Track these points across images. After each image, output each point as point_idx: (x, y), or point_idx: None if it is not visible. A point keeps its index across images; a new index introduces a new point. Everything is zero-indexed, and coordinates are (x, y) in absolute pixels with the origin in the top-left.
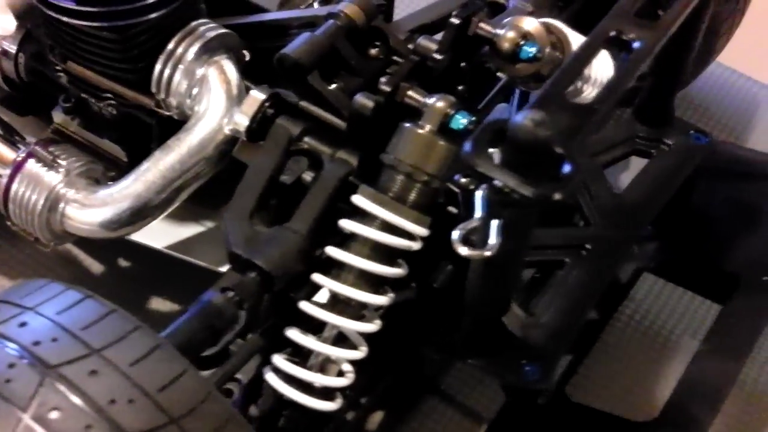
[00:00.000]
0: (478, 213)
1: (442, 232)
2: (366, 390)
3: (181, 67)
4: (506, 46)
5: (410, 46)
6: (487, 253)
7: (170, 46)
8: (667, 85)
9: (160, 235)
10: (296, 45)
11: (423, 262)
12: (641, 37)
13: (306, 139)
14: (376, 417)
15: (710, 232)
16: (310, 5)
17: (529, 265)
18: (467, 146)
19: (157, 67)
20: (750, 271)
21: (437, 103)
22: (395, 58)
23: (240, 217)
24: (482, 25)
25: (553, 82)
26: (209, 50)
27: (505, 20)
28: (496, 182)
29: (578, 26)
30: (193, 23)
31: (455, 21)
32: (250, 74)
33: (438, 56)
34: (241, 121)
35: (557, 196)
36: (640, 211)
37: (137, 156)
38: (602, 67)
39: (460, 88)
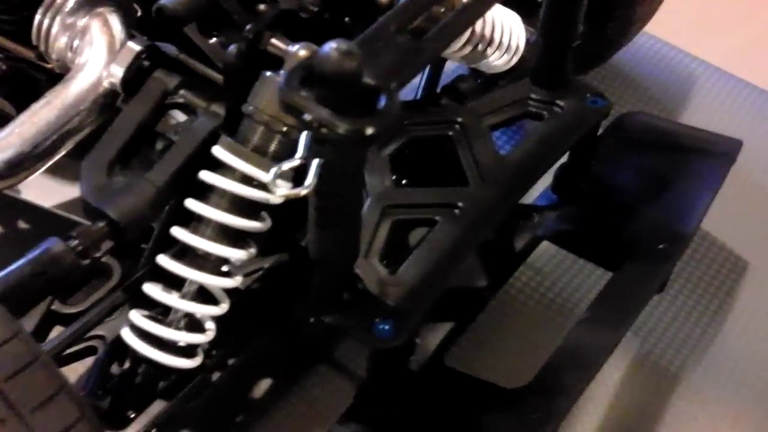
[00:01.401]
0: (299, 153)
1: None
2: (235, 350)
3: (60, 17)
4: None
5: None
6: (303, 192)
7: None
8: (558, 45)
9: (51, 193)
10: None
11: (290, 219)
12: None
13: (182, 92)
14: (251, 378)
15: (612, 201)
16: None
17: (402, 224)
18: (283, 78)
19: (37, 17)
20: (646, 239)
21: (299, 51)
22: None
23: (97, 166)
24: None
25: (386, 17)
26: (91, 1)
27: None
28: (307, 116)
29: None
30: None
31: None
32: (145, 29)
33: (313, 7)
34: (116, 72)
35: (369, 131)
36: (524, 173)
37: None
38: (512, 31)
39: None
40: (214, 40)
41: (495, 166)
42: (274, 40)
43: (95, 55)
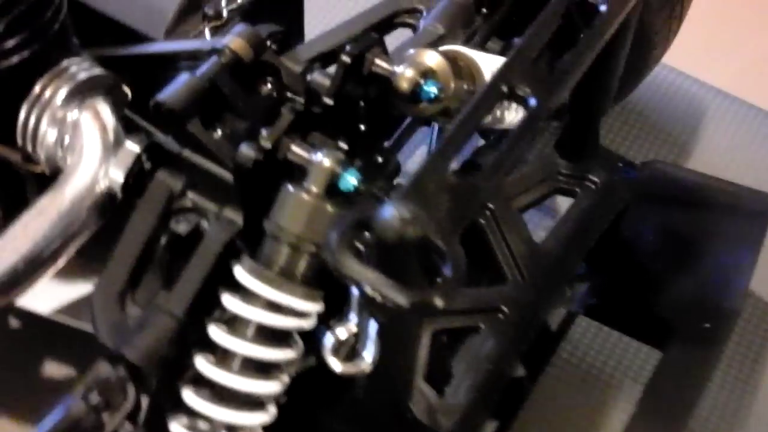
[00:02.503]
0: (353, 316)
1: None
2: None
3: (48, 113)
4: (405, 86)
5: (308, 78)
6: (365, 369)
7: (35, 90)
8: (587, 116)
9: (45, 297)
10: (172, 89)
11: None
12: (536, 93)
13: (189, 194)
14: None
15: (645, 270)
16: (200, 33)
17: (443, 334)
18: (330, 240)
19: (22, 113)
20: (685, 317)
21: (323, 161)
22: (290, 95)
23: (108, 299)
24: (378, 62)
25: (431, 160)
26: (81, 93)
27: (404, 55)
28: (367, 289)
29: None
30: (64, 62)
31: (346, 59)
32: (137, 109)
33: (328, 100)
34: (116, 177)
35: (439, 303)
36: (564, 263)
37: (14, 210)
38: None
39: (362, 127)
40: (219, 133)
41: (533, 259)
42: (294, 148)
43: (89, 154)
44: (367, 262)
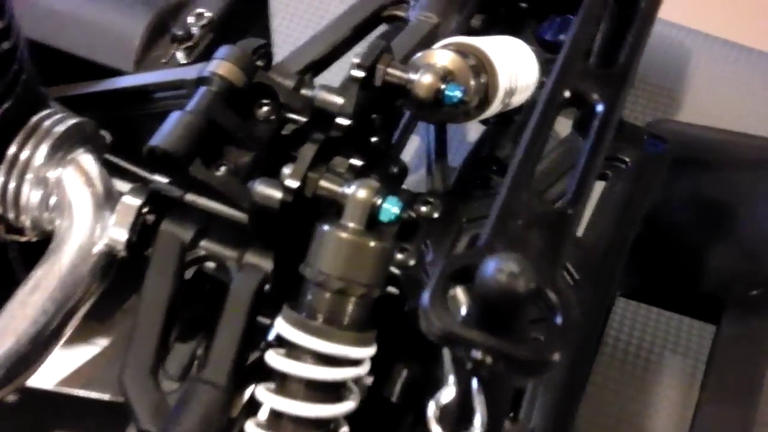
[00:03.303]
0: (450, 378)
1: (391, 331)
2: None
3: (28, 176)
4: (425, 94)
5: (304, 92)
6: None
7: (11, 151)
8: None
9: (48, 369)
10: (166, 131)
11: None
12: (604, 97)
13: (202, 243)
14: None
15: (677, 245)
16: (173, 57)
17: None
18: (425, 300)
19: None
20: (731, 287)
21: (358, 193)
22: (290, 115)
23: (142, 380)
24: (391, 71)
25: (508, 194)
26: (60, 147)
27: (415, 58)
28: (475, 354)
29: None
30: (35, 117)
31: (358, 74)
32: (119, 150)
33: (343, 122)
34: (119, 236)
35: (556, 357)
36: (611, 257)
37: (1, 283)
38: (530, 68)
39: (373, 140)
40: (222, 170)
41: (580, 257)
42: (324, 183)
43: (79, 213)
44: (464, 320)
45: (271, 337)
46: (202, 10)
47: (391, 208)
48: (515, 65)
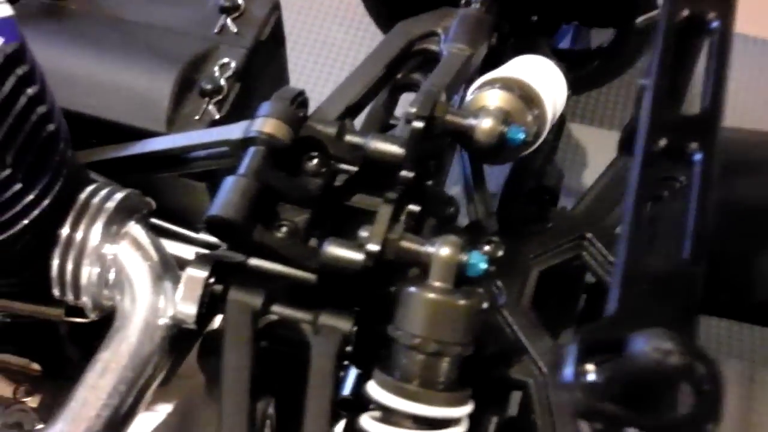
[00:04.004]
0: None
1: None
2: None
3: (85, 256)
4: (487, 139)
5: (349, 138)
6: None
7: (64, 233)
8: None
9: None
10: (224, 199)
11: None
12: (703, 146)
13: (274, 308)
14: None
15: (723, 254)
16: (205, 113)
17: None
18: (568, 376)
19: (54, 263)
20: None
21: (442, 251)
22: (342, 166)
23: None
24: (450, 119)
25: (626, 266)
26: (113, 222)
27: (467, 101)
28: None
29: None
30: (83, 195)
31: (418, 125)
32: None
33: (408, 174)
34: (187, 311)
35: (711, 428)
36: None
37: (53, 360)
38: (560, 89)
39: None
40: (283, 231)
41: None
42: (405, 244)
43: (140, 288)
44: (602, 393)
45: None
46: (226, 60)
47: (478, 264)
48: (553, 89)
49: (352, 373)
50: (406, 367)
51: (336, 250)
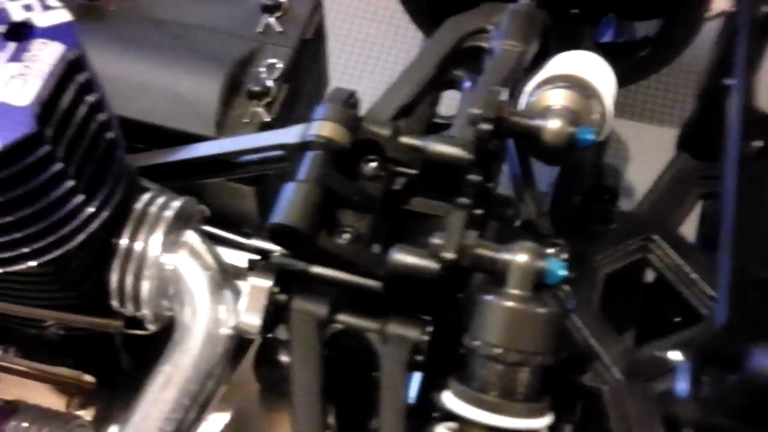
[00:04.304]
0: None
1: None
2: None
3: (146, 267)
4: (556, 140)
5: (404, 140)
6: None
7: (123, 243)
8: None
9: None
10: (286, 206)
11: None
12: None
13: (339, 317)
14: None
15: None
16: (255, 115)
17: None
18: (683, 389)
19: (113, 277)
20: None
21: (519, 258)
22: (400, 169)
23: None
24: (516, 120)
25: (734, 275)
26: (171, 232)
27: (530, 100)
28: None
29: None
30: (139, 204)
31: (485, 128)
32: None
33: (476, 178)
34: (252, 321)
35: None
36: None
37: (107, 371)
38: (613, 85)
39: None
40: (346, 237)
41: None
42: (482, 251)
43: (202, 301)
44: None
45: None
46: (272, 61)
47: (557, 270)
48: (608, 84)
49: (415, 380)
50: (485, 378)
51: (406, 258)
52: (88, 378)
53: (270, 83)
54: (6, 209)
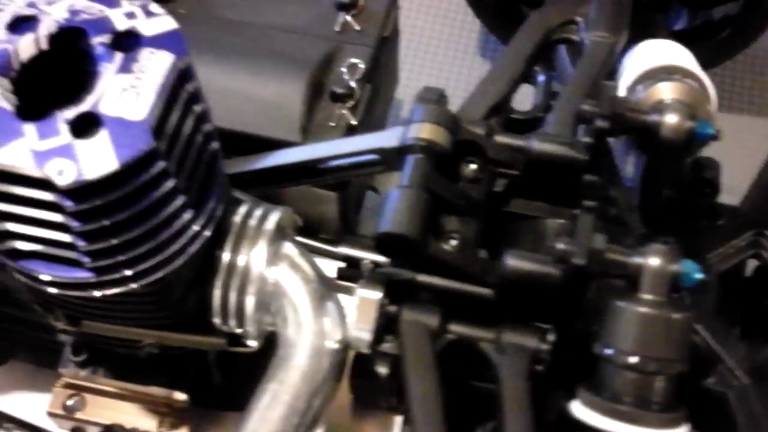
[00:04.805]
0: None
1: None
2: None
3: (251, 283)
4: (675, 136)
5: (500, 139)
6: None
7: (225, 259)
8: None
9: None
10: (394, 213)
11: None
12: None
13: (452, 327)
14: None
15: None
16: (341, 119)
17: None
18: None
19: (217, 293)
20: None
21: (652, 261)
22: (502, 170)
23: None
24: (632, 115)
25: None
26: (273, 245)
27: (641, 96)
28: None
29: None
30: (237, 216)
31: (603, 124)
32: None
33: (593, 178)
34: (362, 335)
35: None
36: None
37: (199, 389)
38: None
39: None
40: (453, 244)
41: None
42: (613, 256)
43: (306, 316)
44: None
45: None
46: (354, 61)
47: (692, 273)
48: (703, 74)
49: None
50: (618, 387)
51: (524, 264)
52: (181, 396)
53: (353, 84)
54: (112, 231)
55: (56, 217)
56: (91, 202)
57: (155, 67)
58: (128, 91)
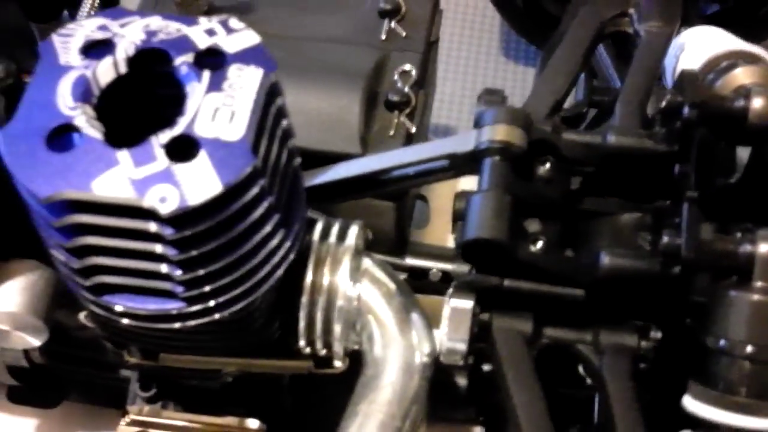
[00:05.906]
0: None
1: None
2: None
3: (336, 302)
4: (764, 120)
5: (569, 137)
6: None
7: (308, 279)
8: None
9: None
10: (479, 219)
11: None
12: None
13: (546, 332)
14: None
15: None
16: (400, 127)
17: None
18: None
19: (303, 314)
20: None
21: (763, 247)
22: (576, 167)
23: None
24: (721, 103)
25: None
26: (355, 262)
27: (718, 84)
28: None
29: None
30: (315, 235)
31: (693, 114)
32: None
33: (688, 169)
34: (457, 347)
35: None
36: None
37: (273, 415)
38: None
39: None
40: (540, 246)
41: None
42: (721, 246)
43: (392, 333)
44: None
45: None
46: (407, 67)
47: None
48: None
49: None
50: (733, 379)
51: (622, 262)
52: (256, 425)
53: (407, 91)
54: (209, 258)
55: (153, 247)
56: (192, 228)
57: (246, 83)
58: (221, 110)
